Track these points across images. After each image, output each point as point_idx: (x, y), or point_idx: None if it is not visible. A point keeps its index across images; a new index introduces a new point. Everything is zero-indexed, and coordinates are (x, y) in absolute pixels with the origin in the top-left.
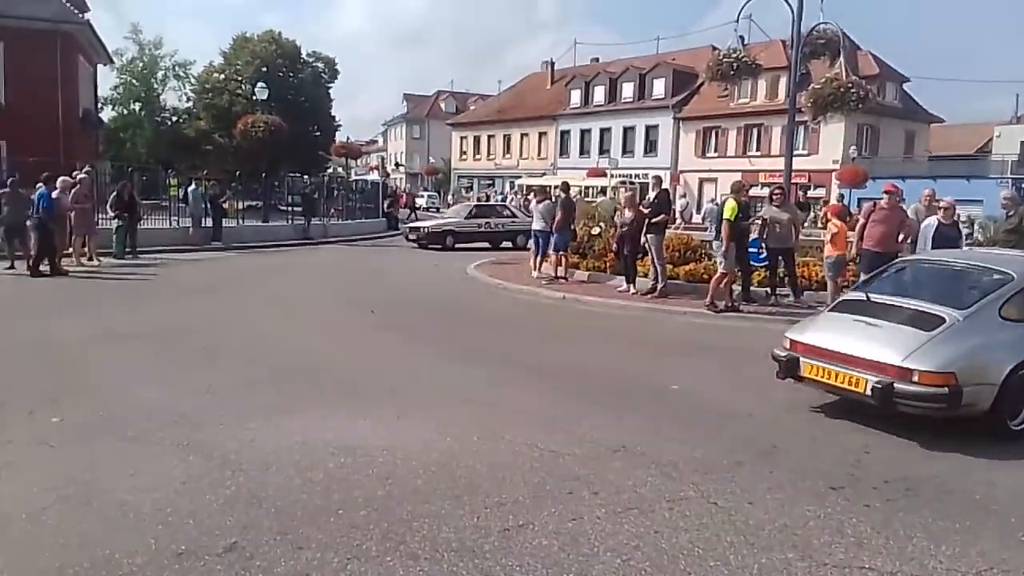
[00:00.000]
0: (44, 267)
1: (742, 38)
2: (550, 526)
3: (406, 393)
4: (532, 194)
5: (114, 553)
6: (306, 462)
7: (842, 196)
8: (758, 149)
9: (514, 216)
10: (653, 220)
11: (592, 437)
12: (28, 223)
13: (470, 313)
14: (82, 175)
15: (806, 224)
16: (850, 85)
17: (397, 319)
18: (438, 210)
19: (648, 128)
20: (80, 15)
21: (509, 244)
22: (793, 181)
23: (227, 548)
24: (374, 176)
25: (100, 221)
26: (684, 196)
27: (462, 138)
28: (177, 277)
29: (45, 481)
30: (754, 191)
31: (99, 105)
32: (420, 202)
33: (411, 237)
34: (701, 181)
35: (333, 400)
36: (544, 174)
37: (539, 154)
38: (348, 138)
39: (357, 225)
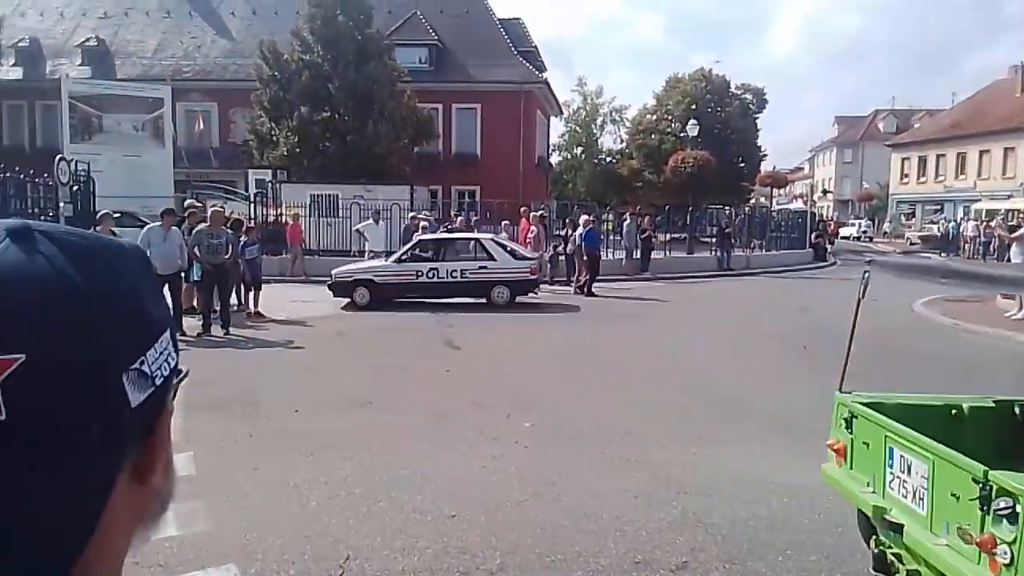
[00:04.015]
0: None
1: None
2: None
3: None
4: (1000, 219)
5: (581, 551)
6: (748, 495)
7: None
8: None
9: (490, 256)
10: None
11: None
12: None
13: (914, 356)
14: (534, 213)
15: None
16: None
17: (828, 356)
18: (871, 239)
19: None
20: (540, 75)
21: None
22: None
23: (679, 566)
24: (798, 205)
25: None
26: None
27: (904, 159)
28: (611, 305)
29: (523, 476)
30: None
31: (549, 151)
32: (850, 231)
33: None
34: None
35: (766, 435)
36: (1010, 196)
37: (1004, 173)
38: (774, 167)
39: (781, 256)
